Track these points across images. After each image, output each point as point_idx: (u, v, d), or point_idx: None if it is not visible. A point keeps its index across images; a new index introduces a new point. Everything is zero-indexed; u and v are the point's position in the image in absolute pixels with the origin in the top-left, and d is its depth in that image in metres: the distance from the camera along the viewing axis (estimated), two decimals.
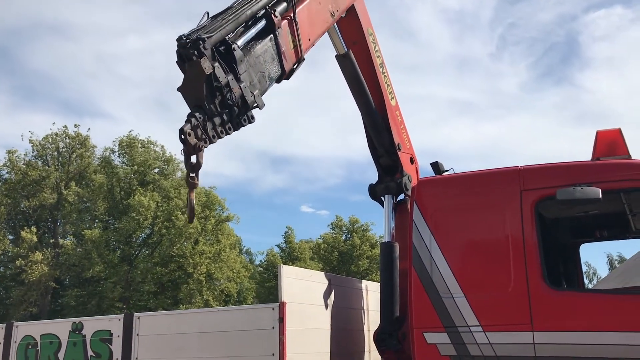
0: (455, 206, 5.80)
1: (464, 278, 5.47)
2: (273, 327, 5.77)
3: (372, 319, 7.27)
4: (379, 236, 47.26)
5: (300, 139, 79.14)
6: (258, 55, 5.25)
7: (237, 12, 5.17)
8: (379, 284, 6.89)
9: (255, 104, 5.09)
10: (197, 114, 4.62)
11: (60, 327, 7.43)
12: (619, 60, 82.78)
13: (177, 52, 4.68)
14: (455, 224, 5.68)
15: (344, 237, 49.63)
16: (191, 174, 4.71)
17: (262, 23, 5.40)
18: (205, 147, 4.74)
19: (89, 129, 48.46)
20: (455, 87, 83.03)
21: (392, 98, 7.59)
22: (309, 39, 6.03)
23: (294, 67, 5.79)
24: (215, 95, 4.73)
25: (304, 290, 6.21)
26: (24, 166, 41.25)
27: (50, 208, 40.91)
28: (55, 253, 38.93)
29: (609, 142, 5.47)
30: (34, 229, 38.37)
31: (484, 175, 5.87)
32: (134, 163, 40.18)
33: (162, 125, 69.27)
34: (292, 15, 5.71)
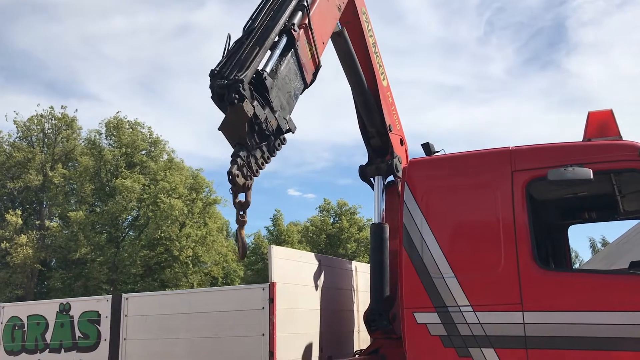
0: (446, 187, 5.78)
1: (455, 258, 5.47)
2: (263, 308, 5.76)
3: (361, 300, 7.29)
4: (366, 219, 47.51)
5: None
6: (284, 76, 5.27)
7: (262, 36, 5.13)
8: (369, 265, 6.93)
9: (288, 128, 5.27)
10: (241, 153, 4.78)
11: (48, 308, 7.37)
12: (606, 45, 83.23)
13: (213, 89, 4.76)
14: (446, 205, 5.67)
15: (332, 220, 49.75)
16: (240, 212, 4.94)
17: (284, 40, 5.34)
18: (252, 184, 4.98)
19: (76, 110, 48.12)
20: (442, 71, 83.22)
21: (384, 79, 7.57)
22: (323, 42, 6.03)
23: (314, 76, 5.80)
24: (255, 130, 4.88)
25: (294, 271, 6.19)
26: (9, 147, 40.78)
27: (36, 190, 40.56)
28: (41, 235, 38.66)
29: (601, 123, 5.46)
30: (18, 211, 38.00)
31: (475, 156, 5.86)
32: (121, 145, 39.86)
33: (149, 107, 68.82)
34: (307, 22, 5.65)
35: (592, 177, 5.00)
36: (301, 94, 5.62)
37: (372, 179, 7.39)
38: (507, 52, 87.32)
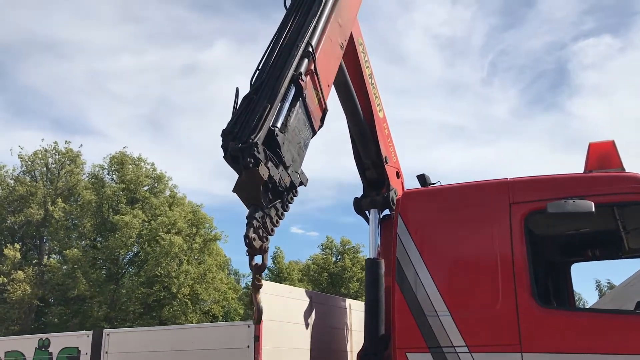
0: (441, 219, 5.54)
1: (450, 295, 5.18)
2: (248, 346, 5.46)
3: (355, 339, 6.95)
4: (361, 268, 46.83)
5: None
6: (294, 127, 5.15)
7: (272, 92, 5.02)
8: (364, 302, 6.62)
9: (301, 182, 5.20)
10: (257, 215, 4.72)
11: (26, 344, 7.06)
12: (608, 88, 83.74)
13: (226, 150, 4.71)
14: (441, 238, 5.42)
15: (334, 259, 49.20)
16: (256, 275, 4.84)
17: (292, 91, 5.22)
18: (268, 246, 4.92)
19: (80, 145, 48.24)
20: (446, 111, 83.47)
21: (380, 110, 7.40)
22: (328, 85, 5.89)
23: (322, 122, 5.69)
24: (269, 189, 4.83)
25: (283, 307, 5.90)
26: (12, 181, 40.79)
27: (37, 224, 40.34)
28: (39, 271, 38.27)
29: (602, 155, 5.24)
30: (17, 245, 37.74)
31: (472, 188, 5.62)
32: (124, 180, 39.82)
33: (154, 144, 69.04)
34: (312, 67, 5.51)
35: (593, 210, 4.74)
36: (310, 141, 5.53)
37: (367, 212, 7.15)
38: (511, 93, 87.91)
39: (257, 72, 5.32)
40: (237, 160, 4.64)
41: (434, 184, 6.28)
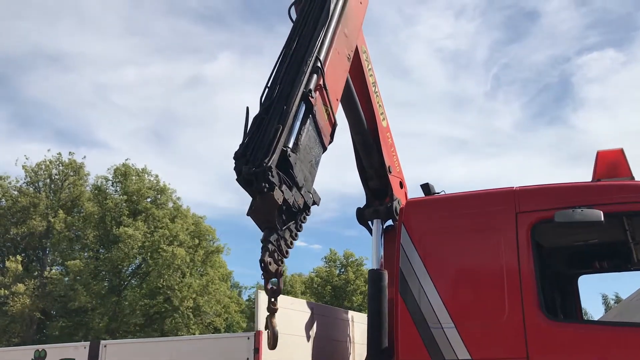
0: (445, 229, 5.41)
1: (455, 307, 5.05)
2: (248, 359, 5.33)
3: (357, 352, 6.81)
4: (364, 280, 46.62)
5: None
6: (305, 145, 5.09)
7: (283, 112, 4.95)
8: (367, 314, 6.48)
9: (313, 202, 5.12)
10: (271, 239, 4.70)
11: (22, 355, 6.93)
12: (612, 101, 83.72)
13: (239, 173, 4.66)
14: (445, 249, 5.29)
15: (337, 272, 48.94)
16: (272, 299, 4.84)
17: (302, 108, 5.15)
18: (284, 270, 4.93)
19: (84, 156, 48.28)
20: (450, 124, 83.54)
21: (384, 119, 7.30)
22: (337, 99, 5.81)
23: (332, 137, 5.61)
24: (283, 211, 4.78)
25: (284, 318, 5.72)
26: (16, 192, 40.74)
27: (40, 236, 40.26)
28: (41, 283, 38.12)
29: (611, 163, 5.12)
30: (19, 257, 37.63)
31: (477, 197, 5.50)
32: (126, 192, 39.73)
33: (158, 156, 69.09)
34: (321, 83, 5.44)
35: (602, 219, 4.61)
36: (320, 159, 5.47)
37: (370, 222, 7.02)
38: (514, 107, 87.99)
39: (267, 89, 5.24)
40: (251, 184, 4.60)
41: (438, 193, 6.15)
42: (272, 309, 4.82)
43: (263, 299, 5.55)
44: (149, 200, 40.76)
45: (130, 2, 69.21)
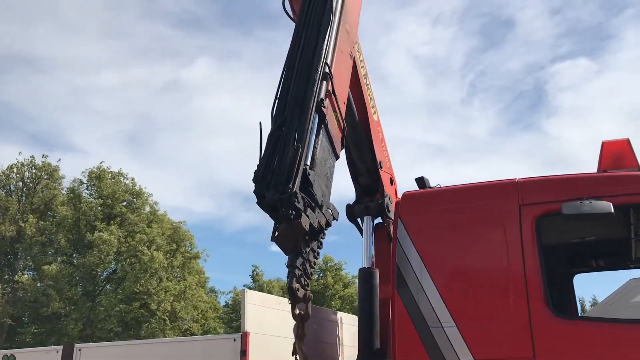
0: (444, 223, 5.13)
1: (455, 305, 4.77)
2: None
3: (347, 355, 6.51)
4: (352, 276, 46.47)
5: None
6: (320, 159, 4.94)
7: (300, 129, 4.75)
8: (357, 315, 6.19)
9: (333, 218, 5.09)
10: (297, 263, 4.72)
11: None
12: (584, 109, 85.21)
13: (261, 197, 4.55)
14: (444, 243, 5.01)
15: (316, 276, 48.57)
16: (300, 324, 4.90)
17: (315, 120, 4.96)
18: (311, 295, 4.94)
19: (59, 159, 47.24)
20: (427, 130, 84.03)
21: (375, 113, 7.04)
22: (344, 102, 5.63)
23: (342, 144, 5.48)
24: (307, 234, 4.76)
25: (271, 319, 5.47)
26: None
27: (11, 240, 39.17)
28: (12, 288, 37.08)
29: (616, 154, 4.91)
30: None
31: (478, 188, 5.23)
32: (101, 195, 38.94)
33: (135, 160, 68.14)
34: (330, 88, 5.24)
35: (612, 211, 4.38)
36: (334, 169, 5.36)
37: (359, 219, 6.74)
38: (490, 113, 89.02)
39: (277, 100, 5.03)
40: (275, 209, 4.50)
41: (433, 187, 5.88)
42: (300, 335, 4.85)
43: (250, 298, 5.26)
44: (124, 204, 40.02)
45: (108, 5, 68.23)
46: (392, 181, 7.06)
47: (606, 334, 4.40)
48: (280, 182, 4.46)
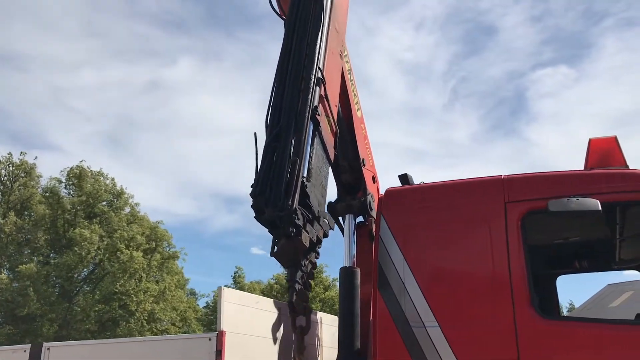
0: (428, 220, 5.00)
1: (439, 304, 4.63)
2: None
3: (326, 356, 6.34)
4: (332, 278, 46.32)
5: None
6: (315, 168, 4.89)
7: (297, 140, 4.68)
8: (338, 315, 6.04)
9: (330, 228, 5.14)
10: (297, 278, 4.94)
11: None
12: (563, 116, 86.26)
13: (259, 211, 4.54)
14: (428, 241, 4.88)
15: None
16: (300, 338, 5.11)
17: (310, 129, 4.89)
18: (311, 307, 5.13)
19: (36, 157, 46.40)
20: (408, 136, 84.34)
21: (359, 109, 6.91)
22: (336, 105, 5.54)
23: (335, 149, 5.44)
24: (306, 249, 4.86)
25: (249, 318, 5.27)
26: None
27: None
28: None
29: (604, 151, 4.82)
30: None
31: (462, 186, 5.11)
32: (81, 194, 38.40)
33: (114, 160, 67.21)
34: (323, 93, 5.13)
35: (600, 208, 4.28)
36: (328, 176, 5.37)
37: (340, 218, 6.59)
38: (471, 119, 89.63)
39: (270, 109, 4.94)
40: (275, 226, 4.52)
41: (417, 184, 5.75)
42: (300, 347, 5.06)
43: (227, 296, 5.07)
44: (104, 203, 39.55)
45: (88, 4, 67.39)
46: (374, 179, 6.93)
47: (591, 335, 4.29)
48: (279, 198, 4.41)
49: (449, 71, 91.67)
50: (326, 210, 6.61)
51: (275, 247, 4.72)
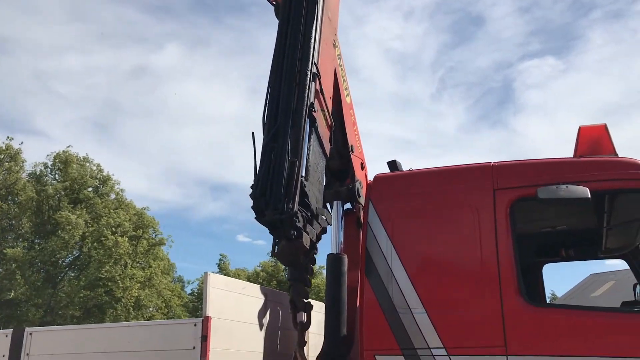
0: (417, 206, 4.97)
1: (426, 291, 4.62)
2: (194, 347, 4.77)
3: (312, 343, 6.32)
4: (319, 266, 46.38)
5: (241, 167, 77.88)
6: (312, 164, 4.91)
7: (295, 141, 4.68)
8: (324, 302, 6.02)
9: (328, 224, 5.19)
10: (298, 276, 5.14)
11: None
12: (550, 107, 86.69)
13: (258, 212, 4.57)
14: (416, 228, 4.86)
15: (283, 267, 48.43)
16: (301, 333, 5.19)
17: (307, 127, 4.87)
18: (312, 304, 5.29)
19: (21, 142, 45.87)
20: (396, 125, 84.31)
21: (348, 95, 6.84)
22: (330, 97, 5.51)
23: (331, 142, 5.44)
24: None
25: (235, 304, 5.24)
26: None
27: None
28: None
29: (593, 139, 4.81)
30: None
31: (451, 172, 5.09)
32: (67, 180, 38.08)
33: (100, 146, 66.49)
34: (318, 87, 5.11)
35: (589, 196, 4.27)
36: (324, 170, 5.40)
37: (328, 204, 6.55)
38: (459, 109, 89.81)
39: (267, 106, 4.92)
40: (276, 228, 4.59)
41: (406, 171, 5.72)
42: (302, 342, 5.13)
43: (213, 281, 5.03)
44: (90, 189, 39.28)
45: None
46: (362, 166, 6.89)
47: (577, 322, 4.30)
48: (279, 200, 4.44)
49: (437, 61, 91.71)
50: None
51: (276, 248, 4.81)
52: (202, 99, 71.83)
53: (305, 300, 5.15)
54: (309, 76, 4.96)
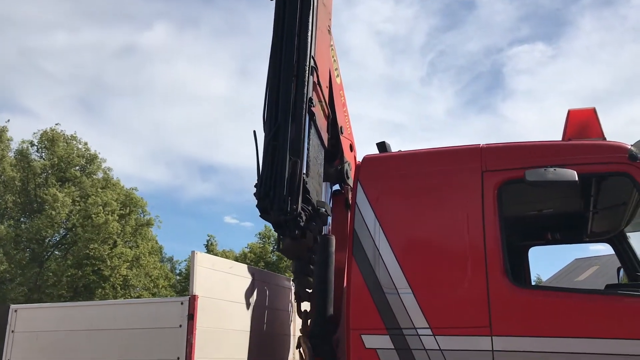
0: (405, 188, 4.97)
1: (413, 271, 4.63)
2: (180, 326, 4.78)
3: (299, 321, 6.34)
4: None
5: (230, 148, 77.57)
6: (312, 158, 4.95)
7: (297, 140, 4.73)
8: (312, 282, 6.02)
9: (328, 215, 5.29)
10: (302, 269, 5.35)
11: None
12: (539, 93, 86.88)
13: (263, 210, 4.69)
14: (404, 209, 4.86)
15: (272, 248, 48.55)
16: (305, 322, 5.35)
17: (307, 122, 4.90)
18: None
19: (7, 120, 45.37)
20: (386, 108, 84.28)
21: (338, 75, 6.79)
22: (326, 86, 5.52)
23: (329, 132, 5.59)
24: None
25: (222, 283, 5.24)
26: None
27: None
28: None
29: (582, 123, 4.82)
30: None
31: (440, 154, 5.08)
32: (53, 157, 37.74)
33: (87, 125, 66.16)
34: (316, 79, 5.11)
35: (577, 179, 4.29)
36: (323, 162, 5.48)
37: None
38: (448, 93, 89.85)
39: (266, 103, 4.95)
40: (280, 225, 4.74)
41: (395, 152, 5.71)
42: (306, 331, 5.21)
43: (200, 260, 5.02)
44: (77, 168, 38.96)
45: None
46: (351, 148, 6.87)
47: (562, 304, 4.34)
48: (283, 200, 4.55)
49: (427, 45, 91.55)
50: None
51: (281, 244, 5.05)
52: (191, 78, 71.37)
53: (309, 291, 5.33)
54: (307, 70, 4.97)
